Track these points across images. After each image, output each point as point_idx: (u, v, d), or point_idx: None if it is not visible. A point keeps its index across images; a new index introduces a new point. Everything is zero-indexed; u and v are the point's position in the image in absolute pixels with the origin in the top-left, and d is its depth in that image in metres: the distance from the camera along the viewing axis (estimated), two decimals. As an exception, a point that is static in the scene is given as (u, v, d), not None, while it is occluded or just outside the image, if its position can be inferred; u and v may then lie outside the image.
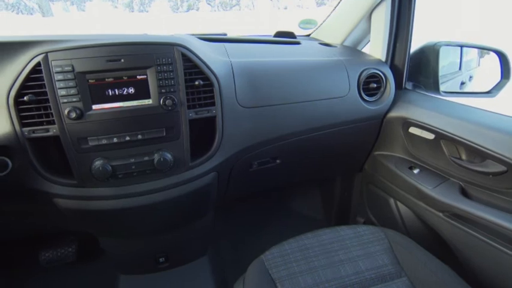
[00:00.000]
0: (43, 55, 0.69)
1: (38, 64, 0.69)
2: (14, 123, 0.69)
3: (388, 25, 1.09)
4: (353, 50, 1.21)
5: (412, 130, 1.02)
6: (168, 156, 0.77)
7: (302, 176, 1.29)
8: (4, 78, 0.69)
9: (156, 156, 0.77)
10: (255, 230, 1.49)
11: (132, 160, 0.76)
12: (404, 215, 1.11)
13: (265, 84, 0.91)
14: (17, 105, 0.69)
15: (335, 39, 1.27)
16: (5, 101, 0.69)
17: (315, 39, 1.34)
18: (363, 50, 1.28)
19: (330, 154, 1.17)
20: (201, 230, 1.09)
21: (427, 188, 0.96)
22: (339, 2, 1.22)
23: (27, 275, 1.21)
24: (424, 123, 0.97)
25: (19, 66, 0.69)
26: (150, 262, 1.07)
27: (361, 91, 1.04)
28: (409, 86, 1.15)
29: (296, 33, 1.35)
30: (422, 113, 0.98)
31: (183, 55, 0.77)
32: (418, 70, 1.11)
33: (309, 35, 1.43)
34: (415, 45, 1.11)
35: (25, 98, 0.68)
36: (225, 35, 1.22)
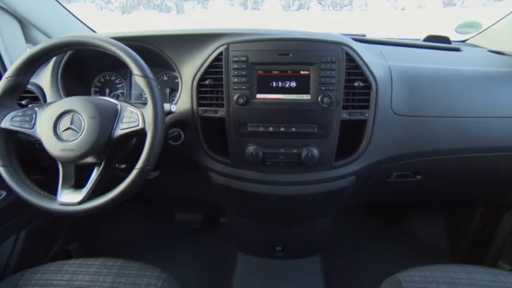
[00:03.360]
0: (225, 46, 0.77)
1: (220, 53, 0.78)
2: (193, 102, 0.81)
3: None
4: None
5: None
6: (315, 152, 0.78)
7: (439, 197, 1.16)
8: (193, 63, 0.81)
9: (304, 151, 0.78)
10: (366, 241, 1.42)
11: (282, 151, 0.80)
12: None
13: (425, 92, 0.84)
14: (198, 87, 0.80)
15: (509, 46, 1.07)
16: (191, 83, 0.80)
17: (478, 46, 1.16)
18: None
19: (485, 182, 1.01)
20: (320, 228, 1.08)
21: None
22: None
23: (163, 228, 1.43)
24: None
25: (206, 54, 0.79)
26: (268, 248, 1.12)
27: None
28: None
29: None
30: None
31: (347, 54, 0.76)
32: None
33: (464, 41, 1.25)
34: None
35: (206, 82, 0.78)
36: (364, 35, 1.17)
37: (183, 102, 0.82)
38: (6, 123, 0.68)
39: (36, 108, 0.70)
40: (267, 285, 1.11)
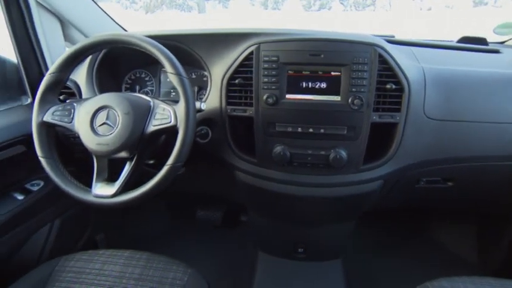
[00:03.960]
0: (256, 45, 0.78)
1: (251, 53, 0.78)
2: (222, 101, 0.82)
3: None
4: None
5: None
6: (344, 154, 0.77)
7: (471, 206, 1.12)
8: (224, 62, 0.82)
9: (332, 153, 0.78)
10: (390, 246, 1.38)
11: (309, 152, 0.79)
12: None
13: (461, 96, 0.81)
14: (228, 86, 0.80)
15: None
16: (220, 81, 0.81)
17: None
18: None
19: None
20: (343, 231, 1.07)
21: None
22: None
23: (184, 224, 1.46)
24: None
25: (237, 53, 0.80)
26: (290, 249, 1.12)
27: None
28: None
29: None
30: None
31: (380, 56, 0.75)
32: None
33: (503, 42, 1.20)
34: None
35: (236, 81, 0.79)
36: (393, 36, 1.14)
37: (211, 100, 0.83)
38: (48, 117, 0.71)
39: (75, 103, 0.73)
40: (287, 286, 1.11)
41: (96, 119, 0.69)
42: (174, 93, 1.01)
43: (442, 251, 1.35)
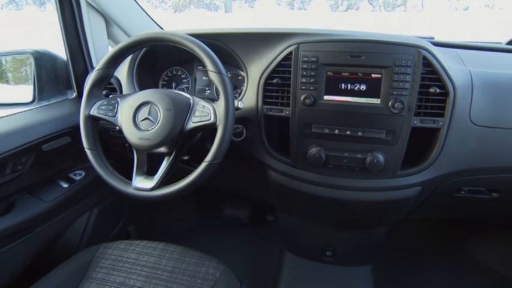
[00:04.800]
0: (295, 46, 0.77)
1: (290, 53, 0.78)
2: (258, 100, 0.82)
3: None
4: None
5: None
6: (381, 159, 0.75)
7: None
8: (262, 62, 0.82)
9: (369, 156, 0.76)
10: (422, 255, 1.33)
11: (345, 154, 0.78)
12: None
13: (511, 102, 0.76)
14: (265, 86, 0.81)
15: None
16: (258, 81, 0.81)
17: None
18: None
19: None
20: (374, 237, 1.05)
21: None
22: None
23: (212, 220, 1.49)
24: None
25: (275, 53, 0.80)
26: (318, 252, 1.11)
27: None
28: None
29: None
30: None
31: (424, 58, 0.72)
32: None
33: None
34: None
35: (274, 81, 0.79)
36: (432, 38, 1.10)
37: (247, 99, 0.84)
38: (94, 111, 0.75)
39: (118, 98, 0.76)
40: None
41: (138, 114, 0.72)
42: (208, 91, 1.03)
43: (479, 265, 1.28)
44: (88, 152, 0.75)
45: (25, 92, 0.96)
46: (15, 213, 0.83)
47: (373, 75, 0.74)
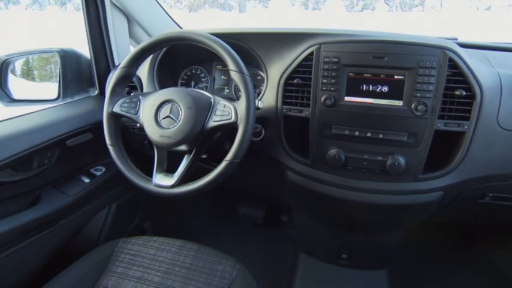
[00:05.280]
0: (317, 46, 0.77)
1: (311, 53, 0.77)
2: (278, 100, 0.82)
3: None
4: None
5: None
6: (402, 162, 0.74)
7: None
8: (282, 62, 0.82)
9: (389, 159, 0.75)
10: (439, 260, 1.30)
11: (366, 156, 0.77)
12: None
13: None
14: (285, 86, 0.81)
15: None
16: (278, 81, 0.81)
17: None
18: None
19: None
20: (391, 241, 1.03)
21: None
22: None
23: (227, 219, 1.50)
24: None
25: (296, 53, 0.80)
26: (333, 254, 1.10)
27: None
28: None
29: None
30: None
31: (450, 60, 0.70)
32: None
33: None
34: None
35: (294, 81, 0.79)
36: (456, 39, 1.07)
37: (267, 99, 0.84)
38: (117, 108, 0.76)
39: (140, 96, 0.78)
40: None
41: (160, 112, 0.73)
42: (227, 90, 1.03)
43: (501, 275, 1.24)
44: (110, 148, 0.76)
45: (50, 89, 0.99)
46: (41, 206, 0.86)
47: (395, 77, 0.73)
